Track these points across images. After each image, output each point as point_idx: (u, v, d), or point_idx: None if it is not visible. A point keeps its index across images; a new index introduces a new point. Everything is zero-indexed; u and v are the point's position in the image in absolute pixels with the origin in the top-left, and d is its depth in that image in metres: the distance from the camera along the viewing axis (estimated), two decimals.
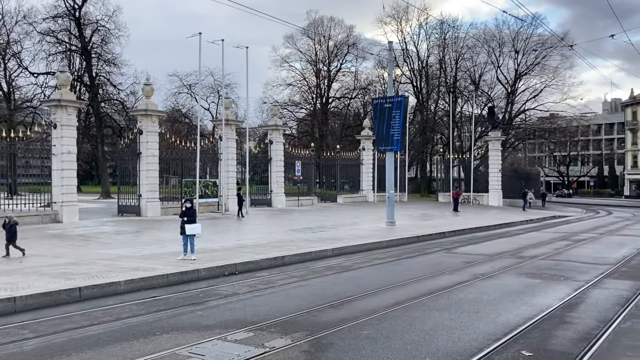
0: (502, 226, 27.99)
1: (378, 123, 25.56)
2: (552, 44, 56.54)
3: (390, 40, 29.09)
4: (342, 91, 66.89)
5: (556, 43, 54.15)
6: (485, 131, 56.45)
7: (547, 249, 18.53)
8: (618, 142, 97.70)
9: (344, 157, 45.20)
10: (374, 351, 6.96)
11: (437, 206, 42.64)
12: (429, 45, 64.69)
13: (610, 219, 36.57)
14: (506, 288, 11.31)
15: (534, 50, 59.11)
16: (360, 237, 19.73)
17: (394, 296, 10.32)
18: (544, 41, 58.26)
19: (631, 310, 9.45)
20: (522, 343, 7.39)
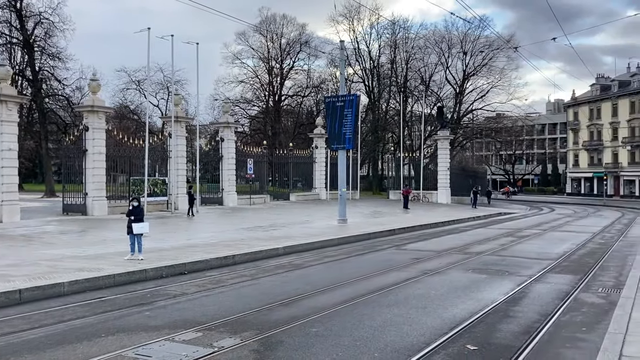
0: (450, 223, 28.62)
1: (330, 121, 25.66)
2: (498, 46, 58.24)
3: (342, 40, 29.21)
4: (295, 89, 66.97)
5: (502, 45, 55.81)
6: (434, 130, 57.61)
7: (493, 245, 19.08)
8: (561, 142, 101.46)
9: (297, 155, 45.21)
10: (324, 348, 6.99)
11: (388, 204, 43.22)
12: (381, 45, 65.55)
13: (553, 216, 37.96)
14: (453, 283, 11.57)
15: (481, 51, 60.75)
16: (311, 235, 19.77)
17: (344, 293, 10.40)
18: (490, 43, 59.95)
19: (570, 304, 9.83)
20: (467, 337, 7.58)
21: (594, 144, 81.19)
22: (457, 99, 65.08)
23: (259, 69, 65.32)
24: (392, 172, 55.19)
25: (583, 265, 14.37)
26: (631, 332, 7.14)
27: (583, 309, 9.52)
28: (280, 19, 63.87)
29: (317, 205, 37.83)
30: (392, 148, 64.88)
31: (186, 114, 38.34)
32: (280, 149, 46.86)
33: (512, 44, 48.33)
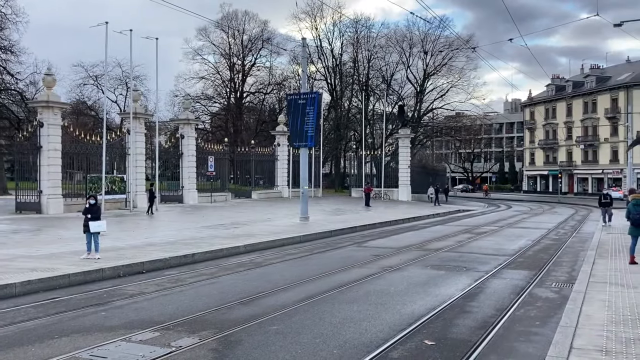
0: (410, 220, 28.99)
1: (292, 119, 25.63)
2: (458, 46, 59.27)
3: (303, 37, 29.17)
4: (257, 86, 66.62)
5: (461, 45, 56.78)
6: (395, 129, 58.26)
7: (451, 241, 19.42)
8: (517, 140, 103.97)
9: (259, 152, 45.00)
10: (283, 346, 6.98)
11: (350, 201, 43.47)
12: (343, 43, 65.87)
13: (509, 213, 38.87)
14: (412, 280, 11.73)
15: (440, 51, 61.74)
16: (273, 232, 19.72)
17: (304, 291, 10.41)
18: (450, 43, 60.98)
19: (525, 299, 10.09)
20: (425, 333, 7.69)
21: (549, 143, 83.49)
22: (417, 97, 65.99)
23: (220, 65, 64.75)
24: (354, 170, 55.57)
25: (538, 261, 14.76)
26: (581, 325, 7.37)
27: (537, 303, 9.77)
28: (242, 15, 63.46)
29: (279, 203, 37.75)
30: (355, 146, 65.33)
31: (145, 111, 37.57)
32: (242, 146, 46.55)
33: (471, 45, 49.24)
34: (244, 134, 60.81)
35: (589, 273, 11.59)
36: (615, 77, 74.26)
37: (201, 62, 64.31)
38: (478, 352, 6.86)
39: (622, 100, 68.44)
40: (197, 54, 63.55)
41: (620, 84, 70.70)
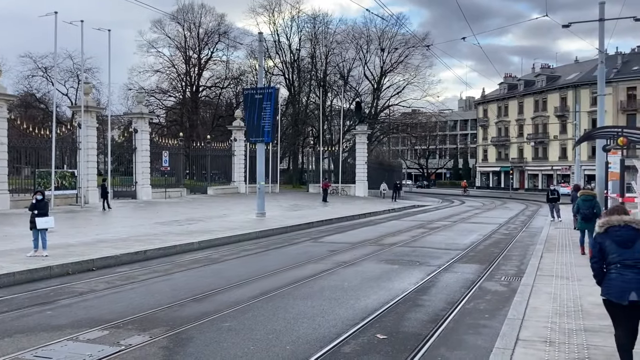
0: (366, 215, 29.25)
1: (249, 114, 25.43)
2: (414, 43, 59.94)
3: (260, 31, 28.92)
4: (214, 80, 65.72)
5: (417, 43, 57.51)
6: (353, 125, 58.56)
7: (406, 236, 19.70)
8: (471, 137, 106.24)
9: (215, 147, 44.49)
10: (236, 343, 6.94)
11: (308, 197, 43.52)
12: (301, 38, 65.69)
13: (463, 208, 39.72)
14: (366, 274, 11.83)
15: (396, 49, 62.34)
16: (229, 229, 19.55)
17: (259, 287, 10.36)
18: (407, 40, 61.59)
19: (475, 292, 10.33)
20: (377, 327, 7.78)
21: (501, 140, 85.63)
22: (374, 94, 66.50)
23: (175, 58, 63.52)
24: (312, 166, 55.66)
25: (488, 255, 15.13)
26: (528, 318, 7.60)
27: (487, 296, 10.02)
28: (199, 8, 62.39)
29: (236, 199, 37.46)
30: (312, 142, 65.38)
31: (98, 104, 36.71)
32: (198, 141, 45.89)
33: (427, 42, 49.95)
34: (200, 129, 59.95)
35: (537, 267, 11.96)
36: (564, 76, 76.74)
37: (156, 55, 63.04)
38: (428, 345, 6.98)
39: (571, 99, 70.79)
40: (152, 46, 62.21)
41: (569, 84, 73.11)
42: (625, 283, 5.20)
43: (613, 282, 5.30)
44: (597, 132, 14.23)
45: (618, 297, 5.23)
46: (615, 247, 5.35)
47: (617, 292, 5.24)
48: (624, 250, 5.30)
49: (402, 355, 6.57)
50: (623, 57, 71.27)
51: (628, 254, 5.28)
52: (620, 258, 5.30)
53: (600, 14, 21.70)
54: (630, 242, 5.31)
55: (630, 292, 5.16)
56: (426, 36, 66.37)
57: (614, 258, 5.33)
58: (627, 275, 5.21)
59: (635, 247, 5.28)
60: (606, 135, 14.30)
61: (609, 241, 5.40)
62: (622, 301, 5.20)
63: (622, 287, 5.21)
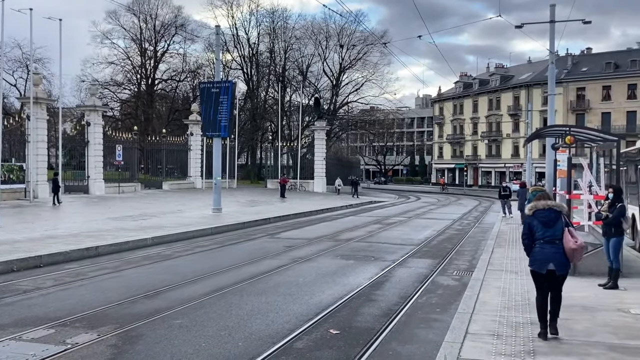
0: (324, 211, 29.34)
1: (205, 108, 25.11)
2: (372, 41, 60.41)
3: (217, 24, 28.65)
4: (170, 73, 64.63)
5: (376, 40, 57.97)
6: (312, 121, 58.67)
7: (362, 232, 19.86)
8: (427, 135, 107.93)
9: (171, 142, 43.80)
10: (187, 340, 6.84)
11: (266, 192, 43.35)
12: (260, 33, 65.26)
13: (418, 204, 40.31)
14: (322, 270, 11.87)
15: (354, 45, 62.72)
16: (184, 224, 19.26)
17: (212, 283, 10.25)
18: (365, 38, 62.02)
19: (427, 286, 10.49)
20: (331, 322, 7.81)
21: (456, 138, 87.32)
22: (333, 90, 66.74)
23: (130, 50, 62.17)
24: (271, 161, 55.46)
25: (442, 250, 15.40)
26: (477, 311, 7.77)
27: (439, 291, 10.19)
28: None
29: (192, 194, 36.96)
30: (271, 137, 65.11)
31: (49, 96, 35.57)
32: (154, 135, 45.08)
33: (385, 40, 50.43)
34: (156, 123, 58.88)
35: (488, 261, 12.25)
36: (517, 76, 78.78)
37: (110, 46, 61.52)
38: (380, 340, 7.05)
39: (523, 98, 72.72)
40: (106, 37, 60.67)
41: (522, 83, 75.10)
42: (545, 255, 6.44)
43: (536, 255, 6.54)
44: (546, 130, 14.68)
45: (539, 268, 6.51)
46: (540, 227, 6.53)
47: (539, 263, 6.49)
48: (547, 229, 6.50)
49: (354, 350, 6.61)
50: (573, 58, 73.67)
51: (549, 232, 6.48)
52: (543, 235, 6.50)
53: (551, 16, 22.34)
54: (552, 222, 6.51)
55: (548, 262, 6.42)
56: (384, 34, 67.11)
57: (539, 235, 6.52)
58: (546, 249, 6.45)
59: (556, 227, 6.49)
60: (555, 134, 14.76)
61: (536, 222, 6.58)
62: (542, 270, 6.47)
63: (542, 259, 6.46)
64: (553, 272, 6.44)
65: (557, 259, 6.43)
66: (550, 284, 6.57)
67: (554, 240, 6.46)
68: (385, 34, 67.02)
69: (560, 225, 6.51)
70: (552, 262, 6.42)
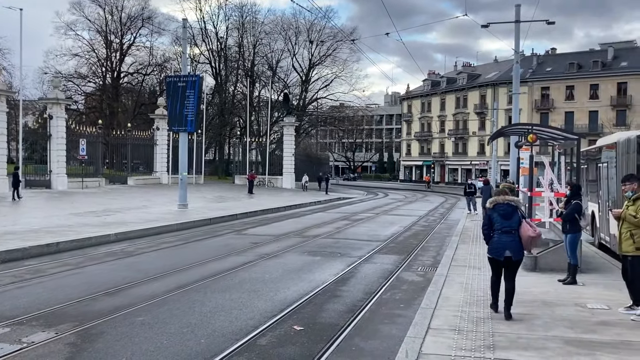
0: (292, 207, 29.30)
1: (171, 102, 24.75)
2: (342, 37, 60.53)
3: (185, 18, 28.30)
4: (136, 66, 63.52)
5: (345, 37, 58.08)
6: (281, 116, 58.47)
7: (329, 228, 19.90)
8: (396, 132, 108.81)
9: (137, 136, 43.08)
10: (148, 337, 6.74)
11: (233, 188, 43.05)
12: (228, 27, 64.63)
13: (386, 200, 40.61)
14: (288, 266, 11.85)
15: (322, 41, 62.69)
16: (148, 220, 18.99)
17: (176, 280, 10.12)
18: (335, 34, 62.10)
19: (392, 282, 10.58)
20: (295, 318, 7.80)
21: (424, 135, 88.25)
22: (303, 86, 66.63)
23: (96, 42, 60.82)
24: (239, 157, 55.08)
25: (407, 246, 15.55)
26: (440, 307, 7.86)
27: (403, 286, 10.28)
28: None
29: (158, 190, 36.46)
30: (239, 132, 64.67)
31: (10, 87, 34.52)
32: (119, 129, 44.27)
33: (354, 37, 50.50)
34: (121, 117, 57.82)
35: (451, 257, 12.41)
36: (484, 75, 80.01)
37: (74, 38, 60.11)
38: (344, 336, 7.07)
39: (490, 97, 73.93)
40: (70, 29, 59.22)
41: (488, 82, 76.30)
42: (502, 244, 7.26)
43: (494, 244, 7.35)
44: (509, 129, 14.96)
45: (497, 255, 7.32)
46: (499, 219, 7.35)
47: (496, 251, 7.32)
48: (505, 221, 7.32)
49: (317, 346, 6.62)
50: (538, 58, 75.19)
51: (507, 223, 7.30)
52: (501, 226, 7.31)
53: (516, 16, 22.73)
54: (510, 215, 7.34)
55: (505, 250, 7.24)
56: (354, 30, 67.33)
57: (497, 226, 7.33)
58: (504, 238, 7.26)
59: (512, 219, 7.32)
60: (518, 132, 15.04)
61: (496, 214, 7.41)
62: (500, 257, 7.30)
63: (499, 247, 7.28)
64: (510, 258, 7.25)
65: (513, 247, 7.24)
66: (507, 270, 7.35)
67: (511, 231, 7.28)
68: (354, 31, 67.33)
69: (516, 218, 7.34)
70: (508, 250, 7.24)
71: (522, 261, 7.62)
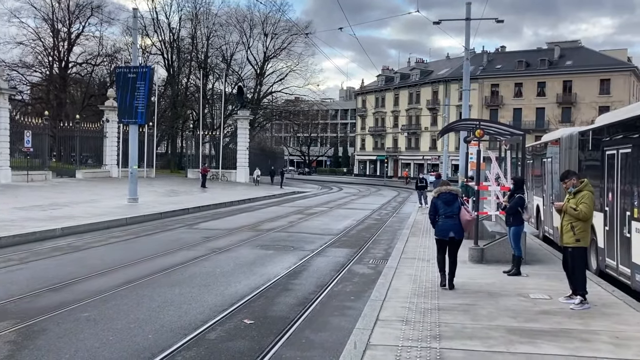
0: (246, 202, 29.13)
1: (121, 94, 24.16)
2: (297, 31, 60.29)
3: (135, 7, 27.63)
4: (85, 56, 61.40)
5: (300, 31, 57.92)
6: (235, 110, 57.88)
7: (283, 222, 19.89)
8: (351, 127, 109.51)
9: (86, 128, 41.80)
10: (94, 333, 6.59)
11: (186, 182, 42.43)
12: (182, 18, 63.37)
13: (340, 195, 40.88)
14: (240, 260, 11.79)
15: (275, 34, 62.32)
16: (97, 214, 18.51)
17: (125, 275, 9.93)
18: (290, 27, 61.77)
19: (344, 275, 10.67)
20: (246, 312, 7.77)
21: (378, 130, 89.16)
22: (257, 80, 66.06)
23: (42, 30, 58.40)
24: (192, 150, 54.25)
25: (359, 240, 15.72)
26: (389, 299, 7.99)
27: (354, 279, 10.40)
28: None
29: (107, 184, 35.55)
30: (192, 125, 63.65)
31: None
32: (67, 121, 42.80)
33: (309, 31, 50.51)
34: (69, 108, 55.93)
35: (402, 250, 12.63)
36: (436, 71, 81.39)
37: (19, 25, 57.97)
38: (294, 328, 7.10)
39: (442, 93, 75.32)
40: (14, 16, 56.70)
41: (440, 78, 77.67)
42: (446, 226, 8.69)
43: (440, 226, 8.75)
44: (457, 124, 15.28)
45: (443, 235, 8.76)
46: (442, 205, 8.75)
47: (442, 232, 8.74)
48: (447, 207, 8.71)
49: (267, 339, 6.62)
50: (489, 55, 77.01)
51: (449, 209, 8.70)
52: (445, 212, 8.70)
53: (467, 14, 23.21)
54: (451, 202, 8.74)
55: (449, 231, 8.67)
56: (309, 24, 67.33)
57: (441, 212, 8.72)
58: (447, 222, 8.69)
59: (453, 206, 8.71)
60: (466, 128, 15.39)
61: (440, 202, 8.79)
62: (445, 237, 8.73)
63: (444, 229, 8.71)
64: (453, 238, 8.70)
65: (455, 229, 8.67)
66: (450, 248, 8.77)
67: (452, 215, 8.67)
68: (309, 25, 67.26)
69: (457, 205, 8.73)
70: (452, 231, 8.66)
71: (462, 242, 8.97)
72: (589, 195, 7.81)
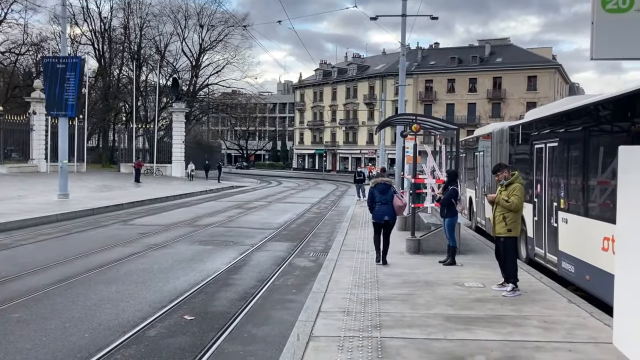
0: (182, 196, 28.60)
1: (49, 85, 23.13)
2: (234, 22, 59.54)
3: None
4: (9, 45, 58.23)
5: (237, 23, 57.25)
6: (170, 102, 56.58)
7: (222, 217, 19.68)
8: (289, 121, 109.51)
9: (11, 121, 39.78)
10: (25, 334, 6.31)
11: (119, 177, 41.16)
12: (113, 7, 61.27)
13: (279, 189, 40.85)
14: (178, 256, 11.59)
15: (212, 25, 61.36)
16: (25, 211, 17.67)
17: (58, 273, 9.55)
18: (226, 19, 60.90)
19: (285, 269, 10.70)
20: (185, 308, 7.66)
21: (316, 124, 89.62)
22: (193, 72, 64.83)
23: None
24: (125, 144, 52.65)
25: (300, 233, 15.79)
26: (330, 290, 8.09)
27: (295, 272, 10.44)
28: None
29: (35, 179, 33.94)
30: (125, 118, 61.72)
31: None
32: None
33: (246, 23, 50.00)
34: None
35: (342, 242, 12.79)
36: (373, 66, 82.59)
37: None
38: (236, 323, 7.06)
39: (378, 88, 76.53)
40: None
41: (376, 74, 78.90)
42: (382, 212, 10.27)
43: (376, 212, 10.33)
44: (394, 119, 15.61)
45: (379, 219, 10.29)
46: (378, 194, 10.33)
47: (378, 216, 10.29)
48: (382, 195, 10.29)
49: (209, 335, 6.56)
50: (423, 52, 78.85)
51: (384, 197, 10.28)
52: (380, 199, 10.29)
53: (403, 10, 23.63)
54: (385, 191, 10.32)
55: (384, 215, 10.25)
56: (246, 16, 66.50)
57: (377, 199, 10.30)
58: (382, 208, 10.28)
59: (387, 194, 10.29)
60: (403, 122, 15.74)
61: (376, 191, 10.36)
62: (380, 221, 10.29)
63: (380, 214, 10.28)
64: (387, 221, 10.29)
65: (389, 213, 10.28)
66: (385, 230, 10.31)
67: (387, 202, 10.26)
68: (246, 17, 66.52)
69: (390, 193, 10.32)
70: (386, 215, 10.26)
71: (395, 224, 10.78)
72: (520, 188, 8.18)
